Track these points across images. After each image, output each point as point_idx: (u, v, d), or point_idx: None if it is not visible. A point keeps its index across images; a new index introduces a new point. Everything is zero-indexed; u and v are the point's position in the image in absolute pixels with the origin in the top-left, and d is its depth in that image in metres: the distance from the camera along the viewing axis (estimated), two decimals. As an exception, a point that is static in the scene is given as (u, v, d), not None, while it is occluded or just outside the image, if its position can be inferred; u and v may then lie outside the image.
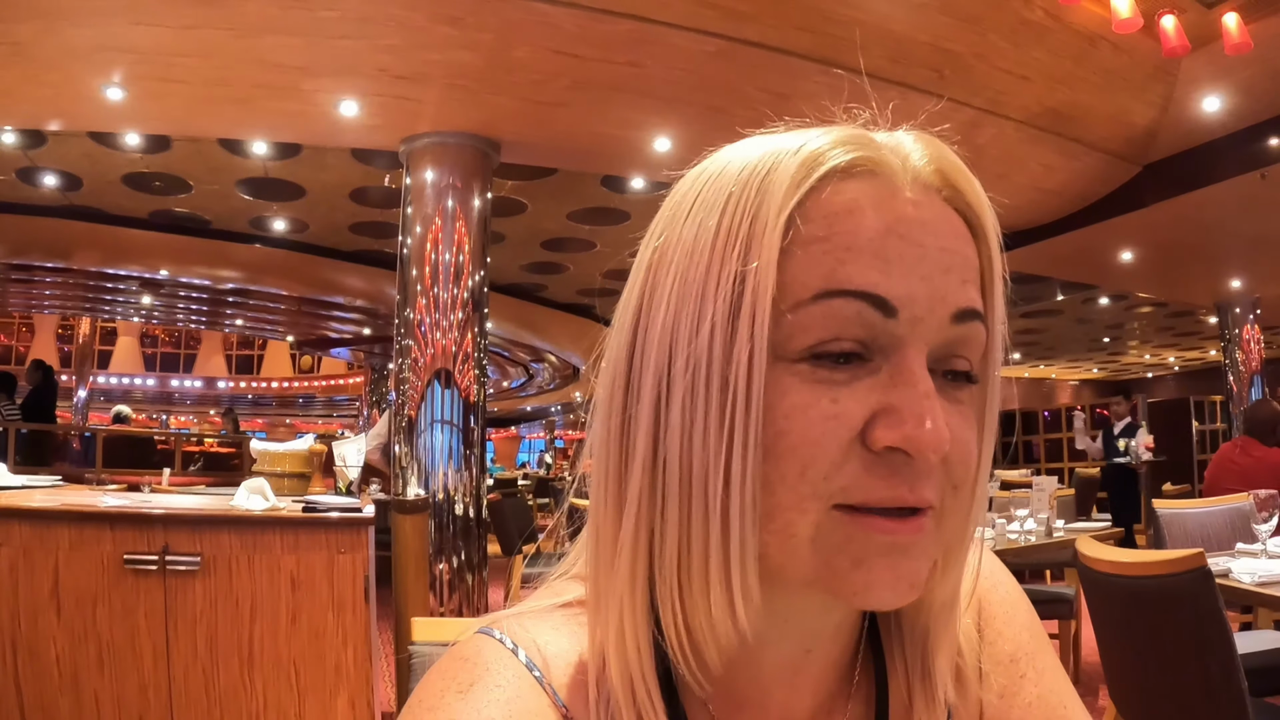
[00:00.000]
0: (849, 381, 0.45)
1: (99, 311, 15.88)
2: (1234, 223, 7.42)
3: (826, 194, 0.47)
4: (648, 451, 0.48)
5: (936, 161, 0.49)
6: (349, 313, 12.95)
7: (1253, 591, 2.49)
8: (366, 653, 2.81)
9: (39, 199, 7.95)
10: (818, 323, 0.45)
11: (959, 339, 0.48)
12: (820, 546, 0.45)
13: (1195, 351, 17.68)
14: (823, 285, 0.45)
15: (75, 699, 2.59)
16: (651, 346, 0.48)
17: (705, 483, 0.45)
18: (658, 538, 0.48)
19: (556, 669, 0.52)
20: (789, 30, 4.58)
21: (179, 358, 25.81)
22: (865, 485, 0.45)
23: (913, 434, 0.44)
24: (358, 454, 3.75)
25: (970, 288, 0.48)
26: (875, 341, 0.46)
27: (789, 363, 0.45)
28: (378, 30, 4.54)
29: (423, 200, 5.60)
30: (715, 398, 0.45)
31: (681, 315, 0.47)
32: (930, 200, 0.48)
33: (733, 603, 0.46)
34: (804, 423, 0.44)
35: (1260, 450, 4.73)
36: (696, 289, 0.47)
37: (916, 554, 0.46)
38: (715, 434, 0.45)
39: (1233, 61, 5.24)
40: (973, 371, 0.49)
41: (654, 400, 0.48)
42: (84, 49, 4.70)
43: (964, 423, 0.48)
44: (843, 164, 0.47)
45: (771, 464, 0.45)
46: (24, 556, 2.59)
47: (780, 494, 0.45)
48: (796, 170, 0.47)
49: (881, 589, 0.45)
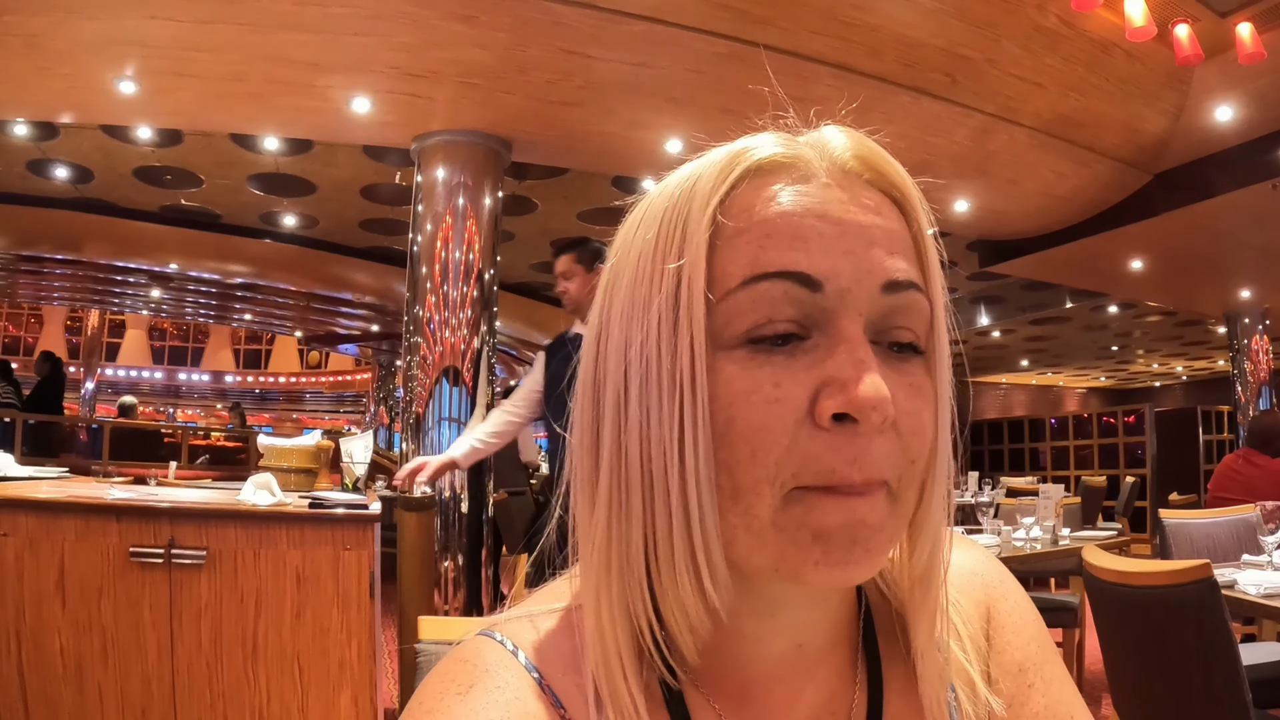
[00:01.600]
0: (789, 364, 0.47)
1: (108, 304, 15.91)
2: (1244, 233, 7.38)
3: (744, 189, 0.50)
4: (612, 449, 0.50)
5: (855, 148, 0.52)
6: (357, 309, 12.97)
7: (1258, 603, 2.49)
8: (370, 649, 2.82)
9: (50, 191, 7.98)
10: (748, 307, 0.47)
11: (896, 309, 0.49)
12: (782, 525, 0.47)
13: (1203, 361, 17.61)
14: (747, 272, 0.48)
15: (79, 690, 2.59)
16: (611, 353, 0.51)
17: (665, 472, 0.48)
18: (625, 529, 0.50)
19: (556, 670, 0.53)
20: (802, 34, 4.58)
21: (187, 351, 25.84)
22: (816, 462, 0.46)
23: (852, 395, 0.45)
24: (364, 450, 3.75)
25: (899, 259, 0.50)
26: (809, 318, 0.48)
27: (729, 350, 0.48)
28: (391, 27, 4.55)
29: (434, 198, 5.61)
30: (666, 391, 0.48)
31: (632, 320, 0.50)
32: (849, 183, 0.51)
33: (702, 586, 0.48)
34: (748, 408, 0.46)
35: (1263, 460, 4.71)
36: (643, 294, 0.50)
37: (872, 526, 0.47)
38: (669, 425, 0.47)
39: (1246, 71, 5.22)
40: (918, 343, 0.51)
41: (615, 402, 0.50)
42: (97, 42, 4.71)
43: (913, 395, 0.49)
44: (757, 161, 0.51)
45: (726, 450, 0.47)
46: (30, 547, 2.60)
47: (738, 478, 0.47)
48: (717, 175, 0.50)
49: (838, 561, 0.47)
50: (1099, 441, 13.94)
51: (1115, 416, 13.91)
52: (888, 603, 0.60)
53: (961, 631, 0.60)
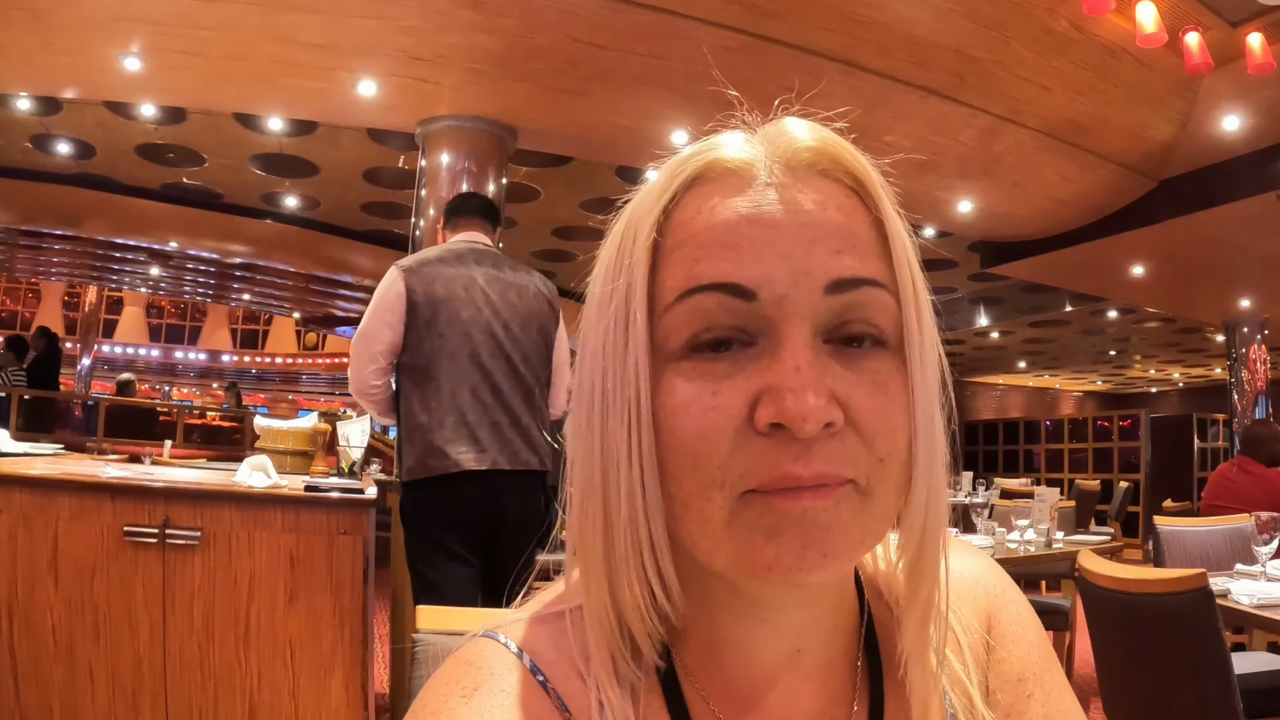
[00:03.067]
0: (730, 371, 0.47)
1: (106, 280, 15.89)
2: (1246, 242, 7.40)
3: (684, 203, 0.51)
4: (585, 456, 0.51)
5: (810, 140, 0.51)
6: (356, 291, 12.95)
7: (1251, 614, 2.49)
8: (362, 634, 2.81)
9: (52, 166, 7.96)
10: (684, 320, 0.48)
11: (848, 306, 0.48)
12: (736, 528, 0.47)
13: (1200, 369, 17.66)
14: (683, 285, 0.48)
15: (70, 669, 2.59)
16: (585, 368, 0.53)
17: (618, 479, 0.49)
18: (591, 534, 0.51)
19: (560, 673, 0.53)
20: (812, 29, 4.57)
21: (184, 329, 25.83)
22: (759, 467, 0.46)
23: (784, 406, 0.45)
24: (361, 434, 3.73)
25: (846, 257, 0.48)
26: (751, 326, 0.48)
27: (675, 362, 0.48)
28: (399, 11, 4.53)
29: (437, 183, 5.61)
30: (616, 404, 0.49)
31: (594, 337, 0.52)
32: (797, 179, 0.50)
33: (650, 588, 0.50)
34: (688, 417, 0.47)
35: (1257, 469, 4.73)
36: (596, 310, 0.53)
37: (828, 524, 0.46)
38: (618, 437, 0.49)
39: (1254, 81, 5.22)
40: (881, 336, 0.49)
41: (588, 410, 0.51)
42: (102, 18, 4.69)
43: (875, 391, 0.48)
44: (691, 173, 0.51)
45: (672, 458, 0.48)
46: (23, 524, 2.59)
47: (685, 484, 0.47)
48: (657, 192, 0.52)
49: (792, 560, 0.46)
50: (1094, 445, 13.96)
51: (1111, 421, 13.93)
52: (890, 611, 0.60)
53: (962, 640, 0.60)
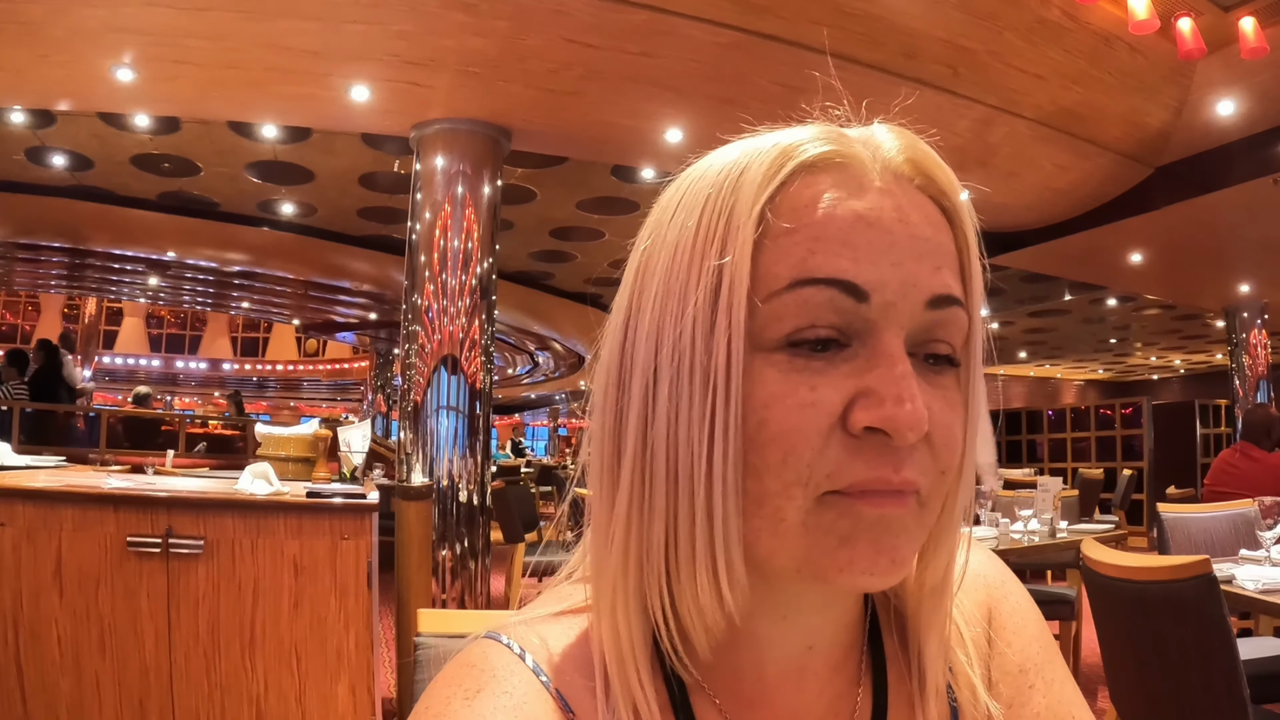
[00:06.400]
0: (826, 369, 0.46)
1: (105, 292, 15.89)
2: (1245, 227, 7.39)
3: (796, 187, 0.48)
4: (637, 442, 0.49)
5: (908, 151, 0.51)
6: (355, 297, 12.95)
7: (1256, 599, 2.49)
8: (368, 639, 2.81)
9: (48, 179, 7.95)
10: (791, 311, 0.46)
11: (936, 323, 0.48)
12: (810, 529, 0.46)
13: (1201, 355, 17.64)
14: (794, 275, 0.46)
15: (76, 680, 2.59)
16: (640, 343, 0.50)
17: (690, 471, 0.47)
18: (646, 526, 0.49)
19: (564, 674, 0.53)
20: (803, 24, 4.56)
21: (184, 339, 25.84)
22: (850, 469, 0.46)
23: (890, 413, 0.44)
24: (363, 439, 3.74)
25: (945, 273, 0.49)
26: (850, 327, 0.47)
27: (767, 353, 0.47)
28: (391, 15, 4.52)
29: (433, 186, 5.60)
30: (698, 389, 0.46)
31: (666, 312, 0.49)
32: (902, 189, 0.49)
33: (719, 588, 0.47)
34: (782, 411, 0.45)
35: (1259, 454, 4.73)
36: (679, 286, 0.48)
37: (899, 532, 0.47)
38: (698, 424, 0.46)
39: (1249, 65, 5.21)
40: (954, 355, 0.50)
41: (643, 394, 0.49)
42: (95, 29, 4.68)
43: (947, 407, 0.49)
44: (811, 158, 0.49)
45: (756, 452, 0.46)
46: (27, 537, 2.60)
47: (766, 481, 0.46)
48: (768, 167, 0.48)
49: (864, 565, 0.46)
50: (1096, 434, 13.92)
51: (1113, 409, 13.90)
52: (889, 602, 0.60)
53: (964, 634, 0.60)
